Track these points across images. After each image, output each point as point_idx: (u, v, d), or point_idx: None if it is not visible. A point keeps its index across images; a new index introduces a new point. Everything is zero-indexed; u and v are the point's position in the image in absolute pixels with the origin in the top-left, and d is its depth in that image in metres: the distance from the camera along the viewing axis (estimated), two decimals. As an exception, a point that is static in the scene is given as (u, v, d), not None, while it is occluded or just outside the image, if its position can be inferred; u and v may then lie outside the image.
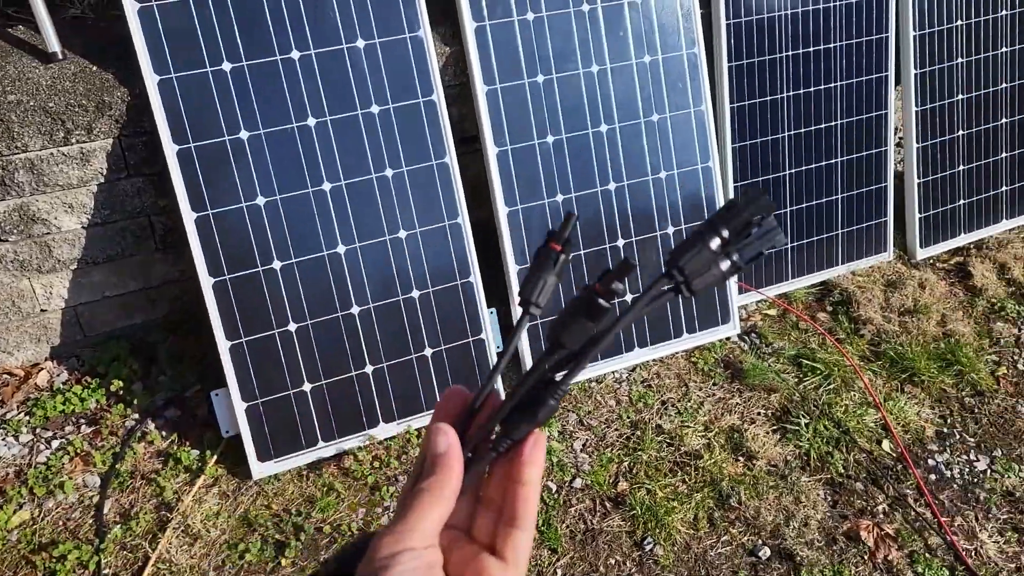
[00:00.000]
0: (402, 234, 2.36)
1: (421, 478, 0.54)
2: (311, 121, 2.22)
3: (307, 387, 2.29)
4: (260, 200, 2.19)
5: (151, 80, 2.08)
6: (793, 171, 2.94)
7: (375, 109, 2.29)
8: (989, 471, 2.51)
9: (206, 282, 2.16)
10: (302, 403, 2.29)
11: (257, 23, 2.15)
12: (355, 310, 2.32)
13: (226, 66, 2.12)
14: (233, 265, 2.18)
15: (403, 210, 2.36)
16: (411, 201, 2.36)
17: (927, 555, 2.25)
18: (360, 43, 2.25)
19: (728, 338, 2.86)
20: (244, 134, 2.15)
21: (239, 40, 2.13)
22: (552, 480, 2.38)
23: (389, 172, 2.33)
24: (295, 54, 2.18)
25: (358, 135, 2.28)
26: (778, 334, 2.92)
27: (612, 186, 2.61)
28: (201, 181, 2.13)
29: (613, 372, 2.71)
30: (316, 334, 2.29)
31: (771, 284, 3.01)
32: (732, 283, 2.84)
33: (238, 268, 2.19)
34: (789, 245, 3.00)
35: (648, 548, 2.23)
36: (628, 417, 2.57)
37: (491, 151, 2.45)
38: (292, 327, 2.26)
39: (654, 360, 2.75)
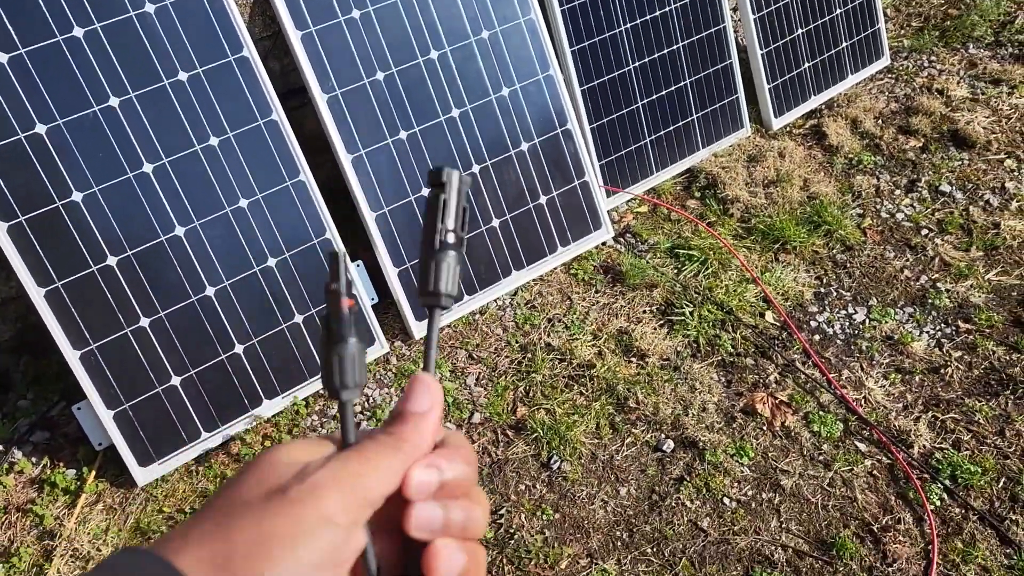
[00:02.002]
0: (243, 203, 2.23)
1: (380, 428, 0.45)
2: (114, 101, 2.05)
3: (175, 380, 2.17)
4: (76, 195, 2.02)
5: (-81, 88, 1.87)
6: (636, 64, 2.90)
7: (183, 76, 2.13)
8: (867, 320, 2.58)
9: (36, 293, 2.00)
10: (174, 398, 2.17)
11: (26, 5, 1.95)
12: (210, 291, 2.20)
13: (1, 57, 1.93)
14: (63, 270, 2.02)
15: (238, 178, 2.22)
16: (245, 167, 2.23)
17: (821, 413, 2.31)
18: (149, 7, 2.08)
19: (604, 243, 2.85)
20: (40, 128, 1.98)
21: (10, 27, 1.93)
22: (451, 421, 2.34)
23: (214, 140, 2.18)
24: (78, 31, 2.00)
25: (170, 107, 2.12)
26: (652, 229, 2.92)
27: (455, 112, 2.52)
28: (3, 186, 1.95)
29: (495, 300, 2.67)
30: (173, 324, 2.16)
31: (637, 182, 3.00)
32: (598, 188, 2.81)
33: (69, 272, 2.03)
34: (648, 139, 2.98)
35: (556, 467, 2.22)
36: (517, 342, 2.55)
37: (320, 98, 2.32)
38: (144, 322, 2.12)
39: (534, 280, 2.72)
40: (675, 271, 2.75)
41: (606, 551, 2.05)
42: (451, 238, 0.48)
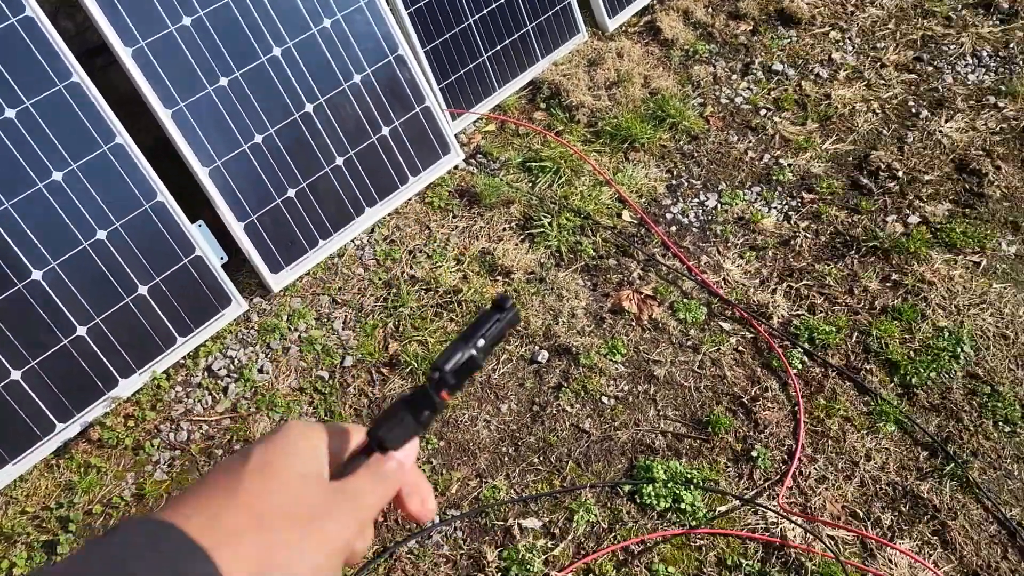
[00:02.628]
0: (57, 176, 2.07)
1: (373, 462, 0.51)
2: None
3: (15, 375, 2.03)
4: None
5: None
6: (461, -21, 2.81)
7: (-41, 45, 1.94)
8: (719, 205, 2.64)
9: None
10: (17, 393, 2.03)
11: None
12: (36, 275, 2.05)
13: None
14: None
15: (47, 150, 2.06)
16: (51, 136, 2.06)
17: (685, 300, 2.36)
18: (-97, -28, 1.86)
19: (455, 167, 2.80)
20: None
21: None
22: (323, 368, 2.28)
23: (11, 112, 2.00)
24: None
25: (-49, 81, 1.93)
26: (502, 147, 2.88)
27: (277, 51, 2.39)
28: None
29: (352, 240, 2.60)
30: (1, 317, 2.00)
31: (480, 101, 2.95)
32: (442, 112, 2.75)
33: None
34: (485, 56, 2.92)
35: (434, 395, 2.20)
36: (380, 279, 2.49)
37: (123, 52, 2.16)
38: (-33, 319, 1.96)
39: (389, 214, 2.66)
40: (530, 185, 2.73)
41: (494, 468, 2.06)
42: (475, 351, 0.53)
